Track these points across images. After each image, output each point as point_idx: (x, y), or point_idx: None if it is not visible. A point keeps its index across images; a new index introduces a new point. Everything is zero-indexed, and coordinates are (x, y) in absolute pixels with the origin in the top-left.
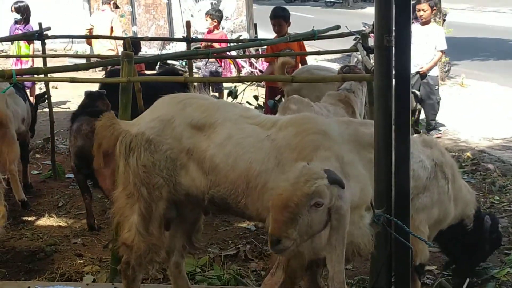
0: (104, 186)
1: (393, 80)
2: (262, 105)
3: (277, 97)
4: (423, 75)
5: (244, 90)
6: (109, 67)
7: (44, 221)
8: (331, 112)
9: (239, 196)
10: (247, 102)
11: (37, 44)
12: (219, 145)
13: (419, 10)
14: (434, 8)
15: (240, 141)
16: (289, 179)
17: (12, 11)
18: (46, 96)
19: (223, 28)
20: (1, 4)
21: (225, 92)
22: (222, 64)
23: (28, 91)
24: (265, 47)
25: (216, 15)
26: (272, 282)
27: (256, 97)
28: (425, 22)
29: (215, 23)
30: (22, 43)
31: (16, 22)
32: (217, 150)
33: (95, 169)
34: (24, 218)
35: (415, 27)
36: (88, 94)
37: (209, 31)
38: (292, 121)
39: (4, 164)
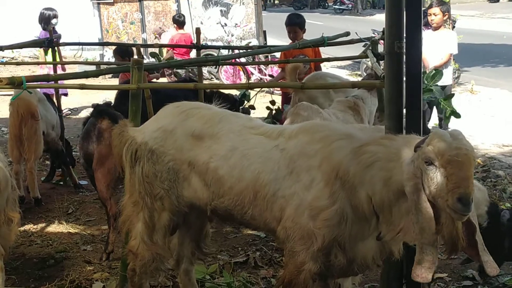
0: (98, 186)
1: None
2: (279, 109)
3: (282, 100)
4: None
5: (255, 95)
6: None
7: (54, 227)
8: (340, 119)
9: (246, 207)
10: (266, 107)
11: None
12: (223, 157)
13: (430, 15)
14: (446, 13)
15: (245, 152)
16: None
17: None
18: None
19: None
20: (4, 11)
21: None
22: (232, 70)
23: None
24: (275, 53)
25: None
26: None
27: (273, 102)
28: (437, 27)
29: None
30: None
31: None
32: (221, 162)
33: (94, 171)
34: (34, 224)
35: (427, 33)
36: (96, 107)
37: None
38: (302, 129)
39: (28, 160)
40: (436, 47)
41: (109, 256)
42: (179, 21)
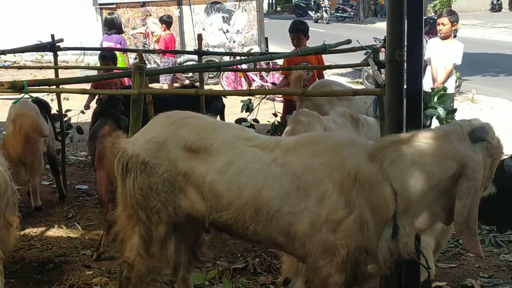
0: (98, 188)
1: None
2: (281, 120)
3: (284, 108)
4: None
5: (258, 104)
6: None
7: (54, 232)
8: (338, 125)
9: (247, 223)
10: (273, 114)
11: (49, 55)
12: (218, 172)
13: (439, 24)
14: (455, 23)
15: (242, 167)
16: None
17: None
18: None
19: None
20: (4, 11)
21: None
22: (233, 77)
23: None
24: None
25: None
26: None
27: (275, 115)
28: (445, 37)
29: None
30: (118, 54)
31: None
32: (216, 176)
33: (95, 171)
34: (33, 228)
35: (435, 41)
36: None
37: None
38: (301, 143)
39: (32, 178)
40: (443, 56)
41: (99, 256)
42: (168, 22)
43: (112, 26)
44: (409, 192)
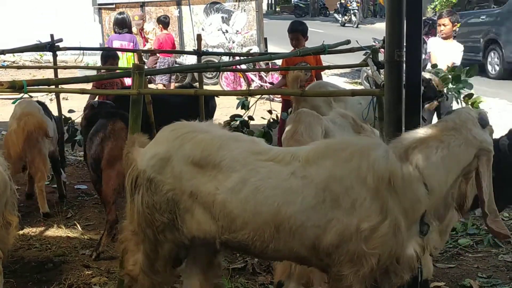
0: (104, 188)
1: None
2: (276, 118)
3: (290, 110)
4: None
5: (255, 103)
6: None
7: (53, 231)
8: (337, 124)
9: (266, 241)
10: (268, 111)
11: (48, 55)
12: (231, 190)
13: (440, 25)
14: (455, 24)
15: (257, 184)
16: None
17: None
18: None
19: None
20: (4, 12)
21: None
22: (233, 77)
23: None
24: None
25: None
26: None
27: (270, 112)
28: (446, 37)
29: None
30: (130, 54)
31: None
32: (229, 195)
33: (102, 170)
34: (32, 228)
35: (437, 41)
36: (91, 106)
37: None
38: (320, 153)
39: (39, 180)
40: (444, 56)
41: (99, 255)
42: (164, 22)
43: (123, 25)
44: (441, 187)
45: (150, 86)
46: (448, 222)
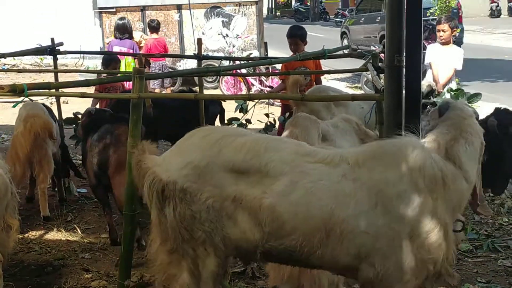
0: (117, 193)
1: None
2: (273, 122)
3: (287, 114)
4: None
5: (253, 106)
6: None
7: (53, 235)
8: (340, 128)
9: (315, 247)
10: (265, 114)
11: (49, 59)
12: (281, 193)
13: (439, 31)
14: (454, 29)
15: (309, 186)
16: None
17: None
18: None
19: None
20: (3, 13)
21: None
22: (233, 81)
23: None
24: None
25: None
26: None
27: (267, 115)
28: (445, 43)
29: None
30: (131, 59)
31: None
32: (278, 199)
33: (110, 176)
34: (32, 232)
35: (436, 47)
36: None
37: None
38: (368, 153)
39: (42, 181)
40: (444, 62)
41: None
42: (151, 26)
43: (124, 31)
44: (474, 180)
45: None
46: None
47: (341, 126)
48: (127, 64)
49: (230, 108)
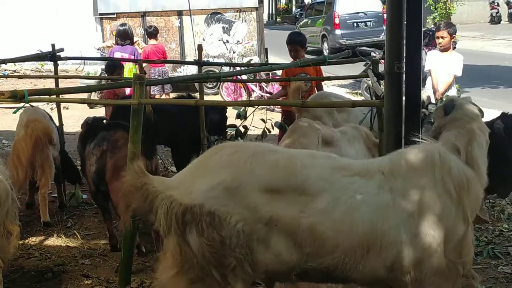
0: (114, 199)
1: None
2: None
3: (283, 119)
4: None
5: (253, 112)
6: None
7: (53, 241)
8: (348, 135)
9: (356, 263)
10: (262, 119)
11: (49, 64)
12: (323, 211)
13: (438, 38)
14: (454, 36)
15: (350, 201)
16: None
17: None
18: None
19: None
20: (3, 14)
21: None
22: (233, 87)
23: None
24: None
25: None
26: None
27: (264, 120)
28: (444, 50)
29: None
30: (132, 65)
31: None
32: (320, 217)
33: (107, 182)
34: (32, 237)
35: (435, 54)
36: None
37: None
38: (397, 162)
39: (43, 185)
40: (443, 69)
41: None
42: (149, 32)
43: (125, 37)
44: (486, 182)
45: None
46: None
47: (350, 133)
48: (129, 70)
49: (230, 114)
